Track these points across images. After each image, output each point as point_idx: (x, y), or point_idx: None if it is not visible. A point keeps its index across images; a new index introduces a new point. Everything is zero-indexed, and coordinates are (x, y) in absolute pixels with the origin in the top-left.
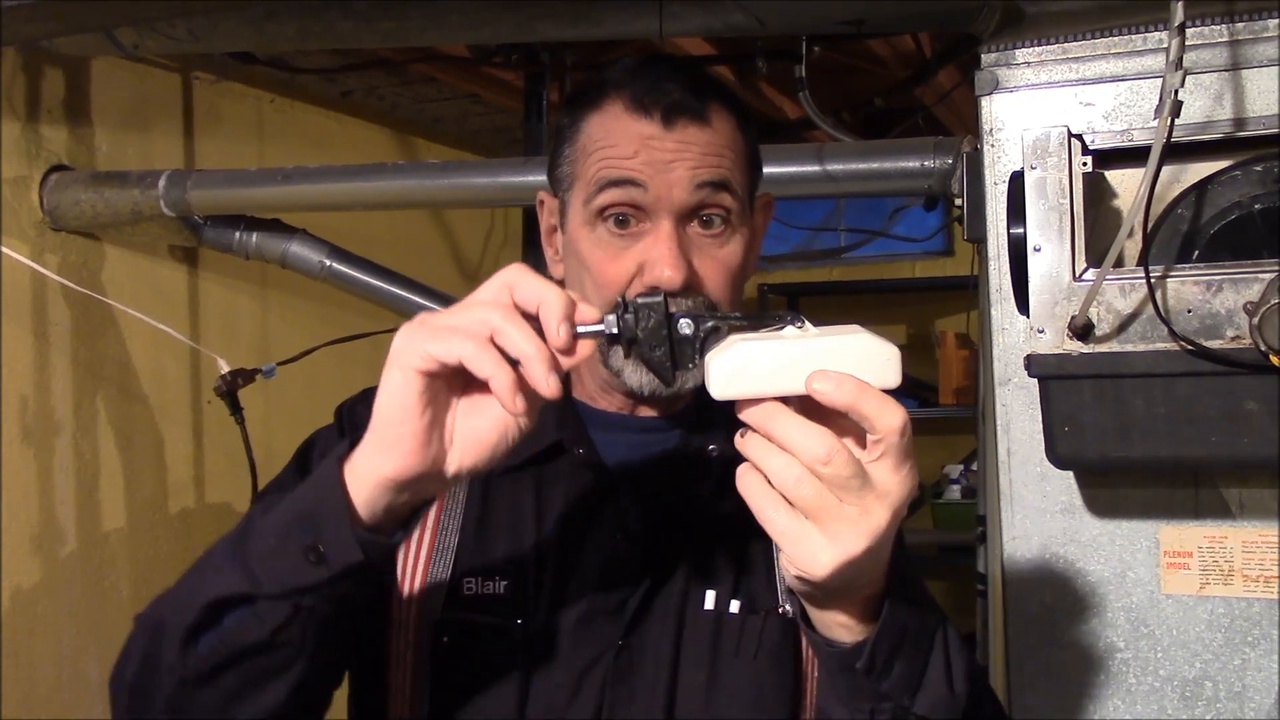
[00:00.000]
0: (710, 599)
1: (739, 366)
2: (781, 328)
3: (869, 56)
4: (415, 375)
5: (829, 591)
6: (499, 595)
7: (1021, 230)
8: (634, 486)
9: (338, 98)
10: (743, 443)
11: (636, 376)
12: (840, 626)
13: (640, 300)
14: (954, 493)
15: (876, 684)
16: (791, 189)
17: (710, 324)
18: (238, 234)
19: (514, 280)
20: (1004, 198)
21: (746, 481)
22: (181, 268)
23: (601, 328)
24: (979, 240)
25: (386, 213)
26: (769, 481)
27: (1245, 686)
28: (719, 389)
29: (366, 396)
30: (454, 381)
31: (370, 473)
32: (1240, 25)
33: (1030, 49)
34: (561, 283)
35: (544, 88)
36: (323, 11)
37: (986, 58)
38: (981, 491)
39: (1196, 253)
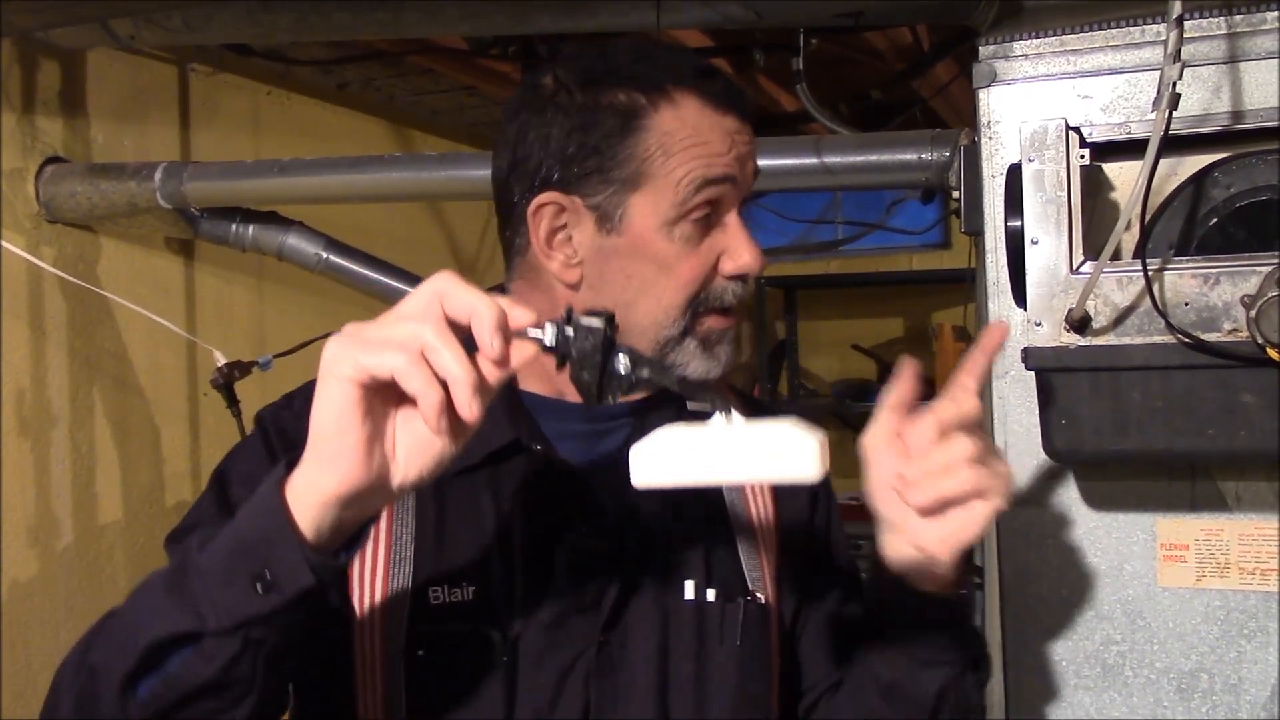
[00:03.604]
0: (689, 589)
1: (661, 455)
2: (710, 413)
3: (866, 49)
4: (351, 385)
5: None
6: (468, 602)
7: (1019, 223)
8: (594, 479)
9: (334, 90)
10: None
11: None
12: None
13: (583, 321)
14: None
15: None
16: (789, 182)
17: (644, 371)
18: (234, 226)
19: (444, 290)
20: (1001, 190)
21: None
22: (178, 260)
23: (539, 336)
24: (976, 233)
25: (383, 205)
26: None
27: (1241, 679)
28: (641, 477)
29: (290, 403)
30: (389, 393)
31: (312, 490)
32: (1238, 18)
33: (1028, 41)
34: (574, 287)
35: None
36: (319, 3)
37: (984, 50)
38: None
39: (1194, 245)
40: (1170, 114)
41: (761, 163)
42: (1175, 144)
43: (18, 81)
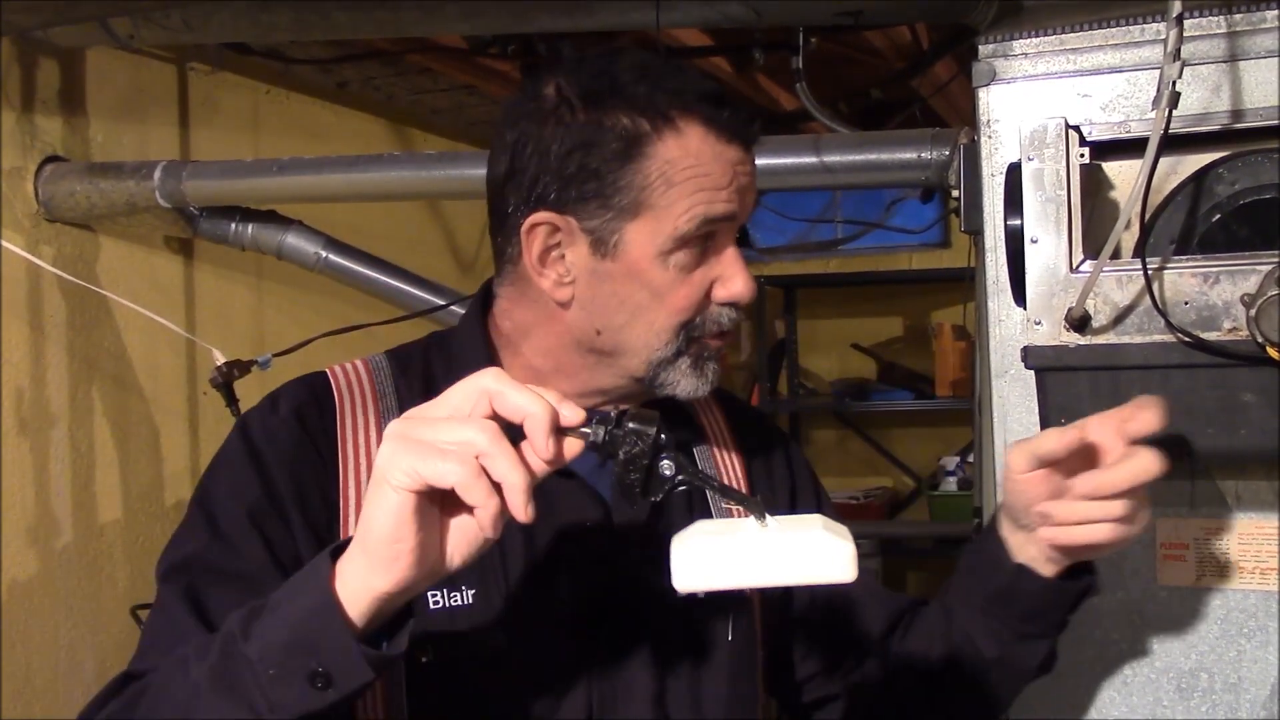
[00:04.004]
0: None
1: (701, 560)
2: (745, 514)
3: (866, 48)
4: (408, 495)
5: None
6: (469, 605)
7: (1019, 222)
8: (590, 481)
9: (333, 89)
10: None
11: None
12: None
13: (632, 425)
14: (950, 484)
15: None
16: (788, 180)
17: (687, 475)
18: (233, 225)
19: (494, 390)
20: (1001, 189)
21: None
22: (177, 259)
23: (588, 432)
24: (976, 232)
25: (383, 204)
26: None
27: (1241, 678)
28: (683, 582)
29: (275, 406)
30: (443, 494)
31: (365, 590)
32: (1238, 16)
33: (1028, 40)
34: (565, 305)
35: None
36: (318, 2)
37: (984, 49)
38: (978, 483)
39: (1195, 242)
40: (1170, 113)
41: (761, 162)
42: (1175, 143)
43: (17, 80)
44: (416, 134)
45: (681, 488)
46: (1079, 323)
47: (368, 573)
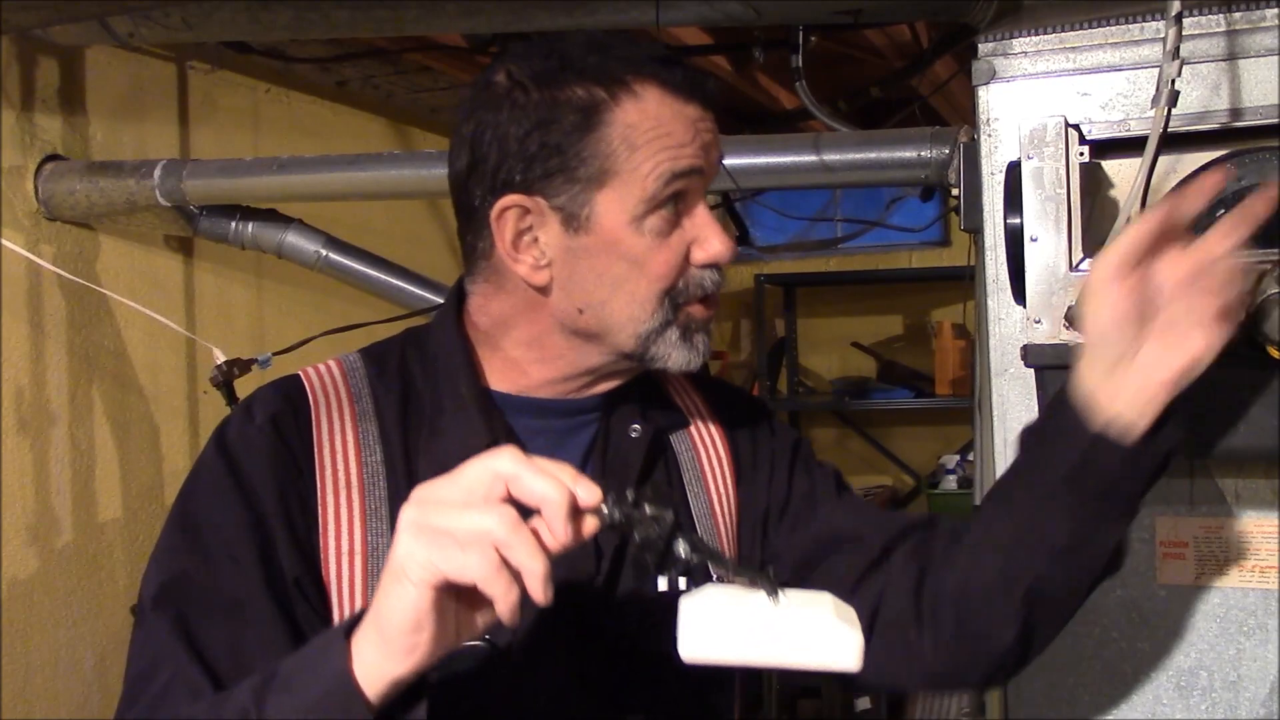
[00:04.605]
0: (662, 581)
1: (710, 630)
2: (756, 587)
3: (866, 46)
4: (427, 589)
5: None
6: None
7: (1018, 220)
8: None
9: (333, 87)
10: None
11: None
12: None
13: (650, 510)
14: (950, 483)
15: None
16: (788, 179)
17: (702, 557)
18: (233, 224)
19: (509, 474)
20: (1001, 188)
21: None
22: (177, 258)
23: (606, 513)
24: (976, 230)
25: (383, 203)
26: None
27: (1240, 676)
28: (689, 651)
29: (251, 415)
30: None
31: (381, 676)
32: (1238, 15)
33: (1027, 39)
34: (544, 289)
35: None
36: (318, 1)
37: (983, 47)
38: (978, 482)
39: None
40: (1169, 111)
41: (761, 160)
42: (1174, 141)
43: (17, 79)
44: (416, 132)
45: (697, 568)
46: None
47: (385, 660)
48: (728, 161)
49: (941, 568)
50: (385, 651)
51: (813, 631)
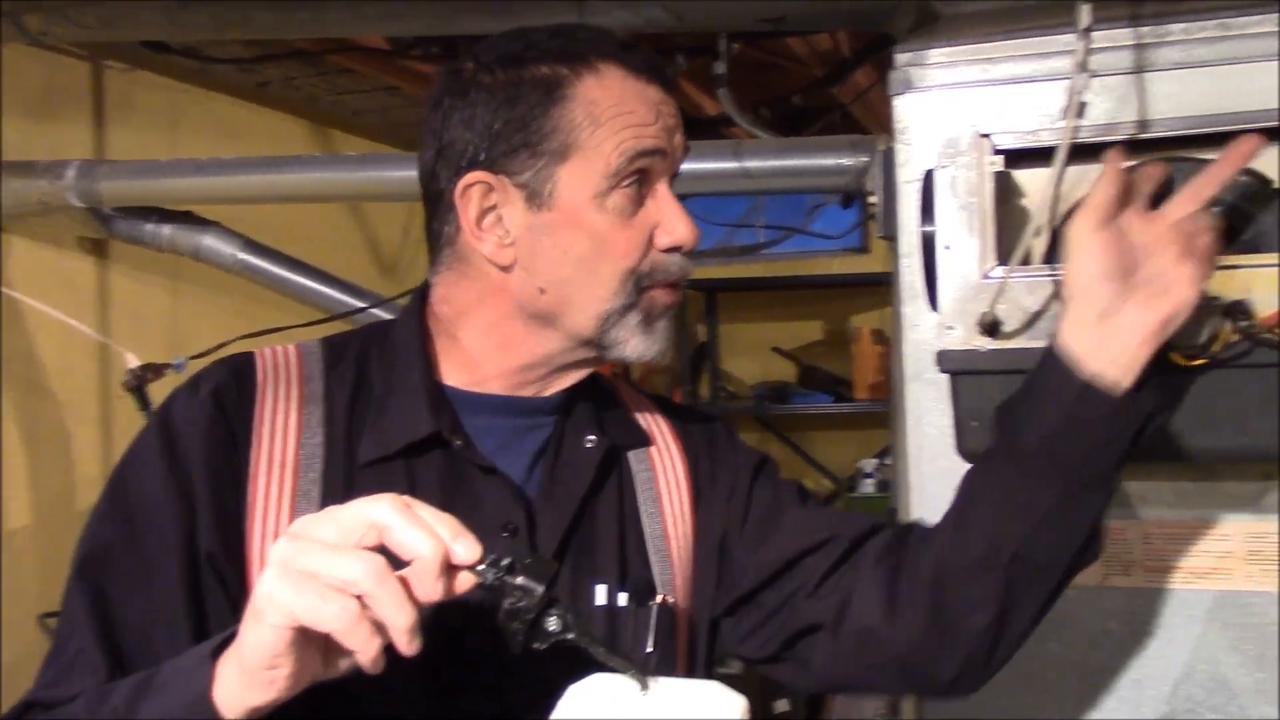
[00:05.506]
0: (601, 593)
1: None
2: (635, 673)
3: (788, 54)
4: (283, 632)
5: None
6: None
7: (932, 228)
8: (514, 478)
9: (254, 88)
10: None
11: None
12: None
13: (521, 581)
14: (868, 486)
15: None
16: (709, 185)
17: (572, 635)
18: (149, 226)
19: (385, 524)
20: (916, 196)
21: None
22: (90, 260)
23: (482, 570)
24: (892, 238)
25: (304, 206)
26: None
27: (1144, 676)
28: None
29: (197, 388)
30: None
31: (241, 703)
32: (1145, 29)
33: (943, 49)
34: (508, 269)
35: None
36: (238, 1)
37: (900, 58)
38: (895, 485)
39: None
40: (1078, 123)
41: (683, 166)
42: (1084, 151)
43: None
44: (338, 135)
45: (568, 639)
46: (990, 327)
47: (244, 689)
48: None
49: (918, 553)
50: (244, 681)
51: (696, 705)
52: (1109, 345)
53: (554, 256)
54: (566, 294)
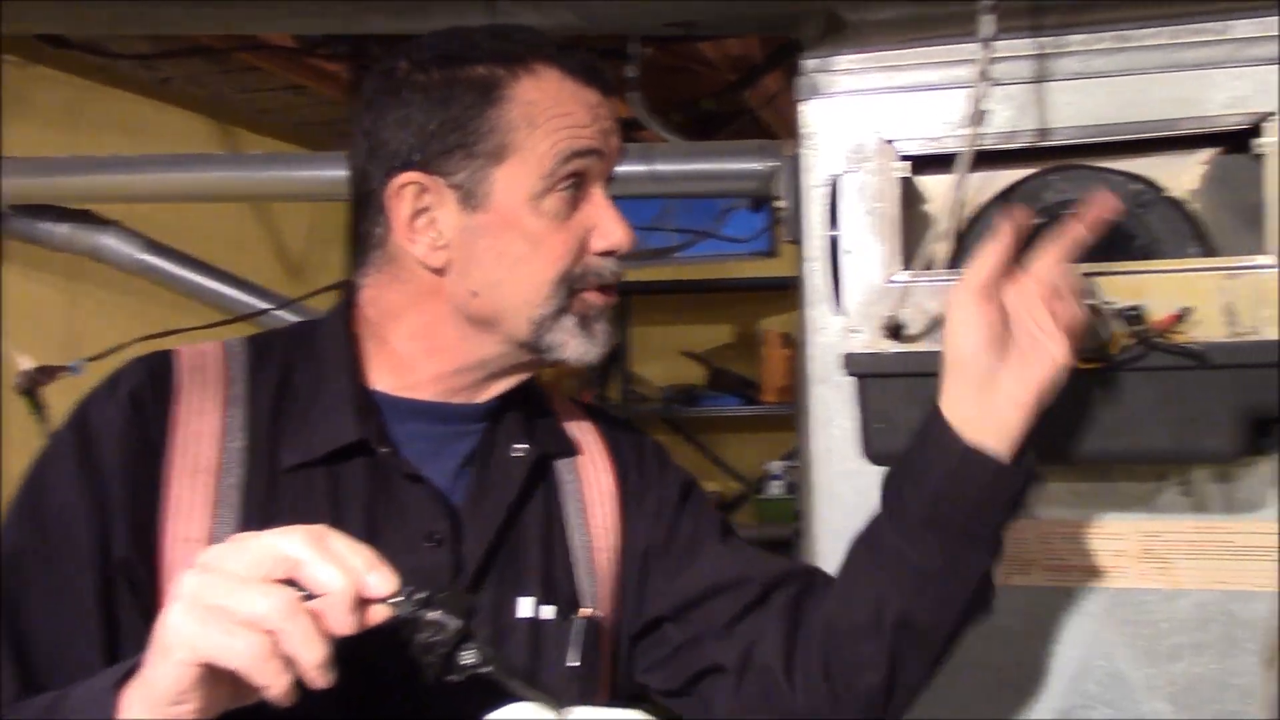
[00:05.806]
0: (524, 606)
1: None
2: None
3: (699, 59)
4: (189, 668)
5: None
6: None
7: (838, 233)
8: (440, 487)
9: (157, 85)
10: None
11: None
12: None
13: (433, 616)
14: (776, 488)
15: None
16: (619, 188)
17: (489, 669)
18: (46, 225)
19: (293, 560)
20: (822, 200)
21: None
22: None
23: (398, 603)
24: (798, 242)
25: (207, 205)
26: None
27: (1042, 672)
28: None
29: (115, 388)
30: None
31: None
32: (1046, 39)
33: (850, 56)
34: (440, 271)
35: None
36: None
37: (807, 64)
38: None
39: None
40: (979, 130)
41: None
42: (987, 159)
43: None
44: (243, 134)
45: (484, 672)
46: (895, 331)
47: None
48: None
49: (813, 610)
50: (151, 713)
51: None
52: (987, 416)
53: (489, 260)
54: (499, 296)
